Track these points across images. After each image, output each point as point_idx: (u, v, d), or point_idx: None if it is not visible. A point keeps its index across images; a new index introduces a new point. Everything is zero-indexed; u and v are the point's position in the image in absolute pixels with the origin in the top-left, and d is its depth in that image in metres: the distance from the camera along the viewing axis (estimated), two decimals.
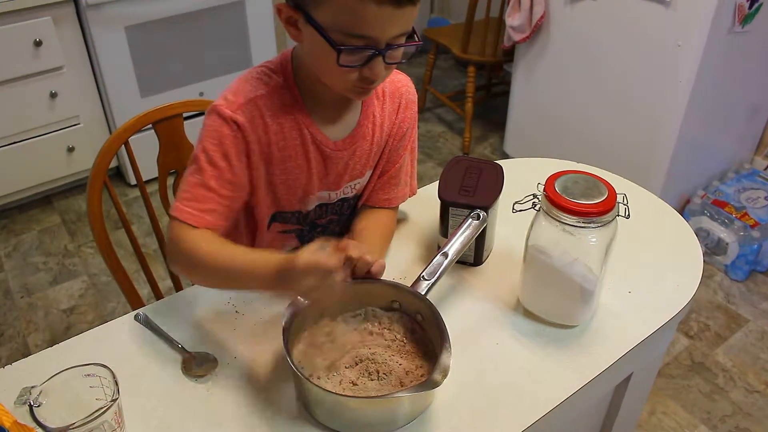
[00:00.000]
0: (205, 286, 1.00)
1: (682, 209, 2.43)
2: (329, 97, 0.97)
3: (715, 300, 2.19)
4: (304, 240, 1.14)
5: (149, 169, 1.36)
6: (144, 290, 1.91)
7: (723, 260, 2.29)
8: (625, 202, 0.91)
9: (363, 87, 0.91)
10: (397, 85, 1.06)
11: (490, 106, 3.30)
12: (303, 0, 0.85)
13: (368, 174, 1.09)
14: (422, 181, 1.17)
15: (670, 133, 2.16)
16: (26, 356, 0.95)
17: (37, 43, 2.23)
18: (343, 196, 1.09)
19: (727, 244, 2.26)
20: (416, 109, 1.10)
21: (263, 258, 0.86)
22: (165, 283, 1.57)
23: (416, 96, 1.09)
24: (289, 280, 0.80)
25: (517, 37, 2.51)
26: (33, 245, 2.44)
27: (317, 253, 0.79)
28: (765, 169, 2.57)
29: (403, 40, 0.87)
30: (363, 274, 0.90)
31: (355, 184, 1.09)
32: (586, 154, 2.43)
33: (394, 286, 0.94)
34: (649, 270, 1.09)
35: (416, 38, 0.89)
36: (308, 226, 1.11)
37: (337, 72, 0.87)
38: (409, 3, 0.82)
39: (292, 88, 0.97)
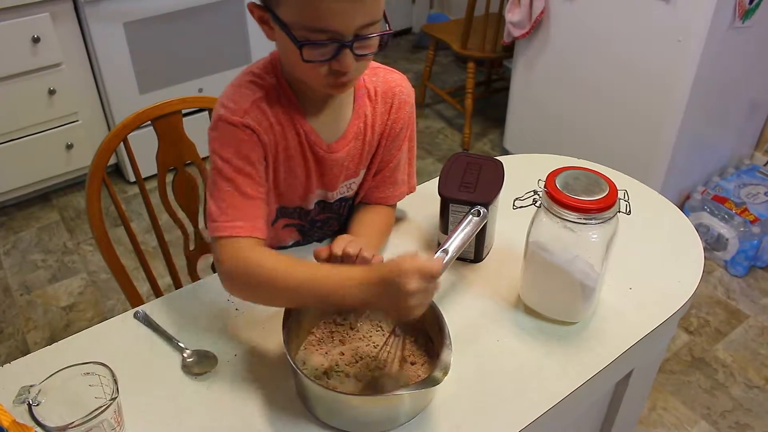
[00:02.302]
0: (267, 305, 0.94)
1: (682, 205, 2.43)
2: (317, 95, 0.96)
3: (715, 295, 2.19)
4: (304, 234, 1.13)
5: (148, 166, 1.35)
6: (143, 287, 1.91)
7: (723, 256, 2.29)
8: (626, 198, 0.90)
9: (337, 81, 0.89)
10: (391, 85, 1.05)
11: (490, 102, 3.30)
12: None
13: (362, 173, 1.09)
14: (422, 177, 1.17)
15: (670, 128, 2.16)
16: (25, 354, 0.94)
17: (35, 40, 2.22)
18: (340, 195, 1.09)
19: (727, 239, 2.25)
20: (412, 108, 1.08)
21: (345, 271, 0.84)
22: (164, 280, 1.56)
23: (412, 95, 1.08)
24: (391, 287, 0.78)
25: (516, 32, 2.50)
26: (32, 243, 2.43)
27: (419, 259, 0.78)
28: (765, 165, 2.56)
29: (374, 30, 0.85)
30: None
31: (350, 184, 1.08)
32: (585, 149, 2.43)
33: None
34: (649, 266, 1.09)
35: (387, 27, 0.87)
36: (309, 222, 1.11)
37: (305, 67, 0.85)
38: None
39: (285, 89, 0.96)
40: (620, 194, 0.89)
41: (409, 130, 1.09)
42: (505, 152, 2.88)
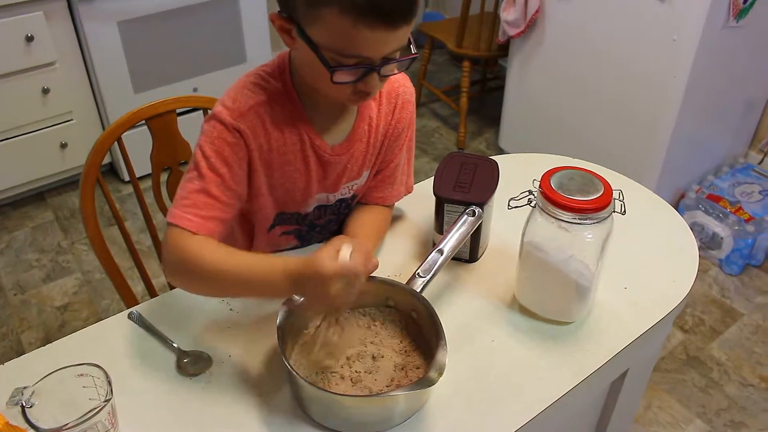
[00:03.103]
0: (206, 295, 0.96)
1: (677, 204, 2.43)
2: (326, 101, 0.96)
3: (709, 294, 2.20)
4: (303, 239, 1.13)
5: (143, 165, 1.35)
6: (138, 287, 1.90)
7: (717, 254, 2.29)
8: (621, 198, 0.90)
9: (359, 98, 0.91)
10: (394, 85, 1.05)
11: (485, 101, 3.30)
12: (296, 14, 0.84)
13: (365, 174, 1.08)
14: (417, 176, 1.17)
15: (665, 127, 2.16)
16: (20, 354, 0.94)
17: (29, 39, 2.21)
18: (341, 197, 1.08)
19: (721, 238, 2.26)
20: (413, 107, 1.08)
21: (275, 264, 0.84)
22: (159, 280, 1.56)
23: (414, 94, 1.08)
24: (308, 286, 0.79)
25: (512, 31, 2.50)
26: (26, 242, 2.42)
27: (340, 258, 0.77)
28: (759, 164, 2.57)
29: (398, 53, 0.87)
30: None
31: (352, 185, 1.08)
32: (580, 148, 2.43)
33: (389, 284, 0.94)
34: (644, 265, 1.09)
35: (412, 49, 0.88)
36: (307, 226, 1.10)
37: (332, 86, 0.86)
38: (403, 23, 0.82)
39: (290, 94, 0.95)
40: (615, 194, 0.89)
41: (410, 130, 1.09)
42: (501, 151, 2.88)
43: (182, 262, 0.88)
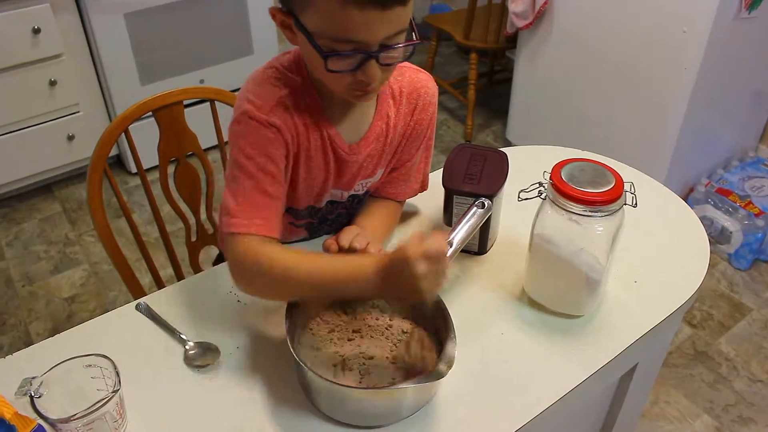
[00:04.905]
0: (281, 300, 0.92)
1: (686, 197, 2.42)
2: (341, 97, 0.93)
3: (718, 289, 2.18)
4: (312, 232, 1.12)
5: (150, 157, 1.34)
6: (145, 279, 1.90)
7: (727, 249, 2.28)
8: (633, 190, 0.90)
9: (360, 90, 0.87)
10: (416, 86, 1.02)
11: (493, 93, 3.28)
12: (292, 4, 0.82)
13: (380, 173, 1.07)
14: None
15: (674, 120, 2.15)
16: (28, 345, 0.94)
17: (36, 31, 2.21)
18: (354, 193, 1.07)
19: (731, 232, 2.24)
20: (435, 108, 1.05)
21: (361, 261, 0.84)
22: (166, 271, 1.56)
23: (436, 95, 1.05)
24: (401, 273, 0.78)
25: (519, 23, 2.49)
26: (34, 234, 2.43)
27: (424, 243, 0.77)
28: None
29: (400, 39, 0.83)
30: None
31: (366, 183, 1.07)
32: (588, 141, 2.41)
33: None
34: (655, 259, 1.08)
35: (414, 36, 0.85)
36: (318, 219, 1.09)
37: (330, 76, 0.84)
38: (397, 3, 0.78)
39: (309, 89, 0.93)
40: (627, 186, 0.88)
41: (429, 130, 1.07)
42: (508, 143, 2.87)
43: (257, 270, 0.85)
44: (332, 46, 0.80)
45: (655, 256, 1.09)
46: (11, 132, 2.36)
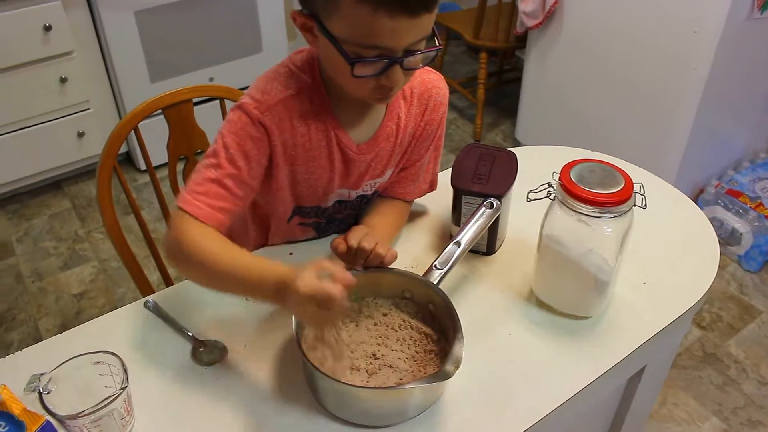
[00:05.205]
0: (197, 283, 0.93)
1: (696, 199, 2.40)
2: (354, 98, 0.93)
3: (728, 291, 2.17)
4: (320, 231, 1.12)
5: (159, 154, 1.35)
6: (154, 276, 1.91)
7: (736, 251, 2.26)
8: (642, 191, 0.89)
9: (382, 94, 0.88)
10: (427, 86, 1.02)
11: (502, 92, 3.27)
12: (316, 8, 0.83)
13: (389, 173, 1.07)
14: None
15: (685, 121, 2.13)
16: (37, 341, 0.95)
17: (47, 28, 2.22)
18: (362, 193, 1.07)
19: (741, 234, 2.23)
20: (445, 108, 1.05)
21: (265, 269, 0.82)
22: (174, 269, 1.57)
23: (447, 95, 1.05)
24: (288, 299, 0.77)
25: (530, 23, 2.48)
26: (44, 230, 2.44)
27: (318, 280, 0.74)
28: None
29: (422, 46, 0.84)
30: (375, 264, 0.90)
31: (375, 183, 1.07)
32: (598, 141, 2.40)
33: (406, 276, 0.93)
34: (664, 261, 1.07)
35: (436, 41, 0.86)
36: (326, 219, 1.10)
37: (353, 81, 0.84)
38: (425, 11, 0.79)
39: (319, 89, 0.94)
40: (636, 187, 0.88)
41: (439, 130, 1.07)
42: (517, 143, 2.86)
43: (181, 246, 0.86)
44: (358, 51, 0.81)
45: (665, 257, 1.08)
46: (22, 129, 2.38)
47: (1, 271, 2.26)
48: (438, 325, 0.91)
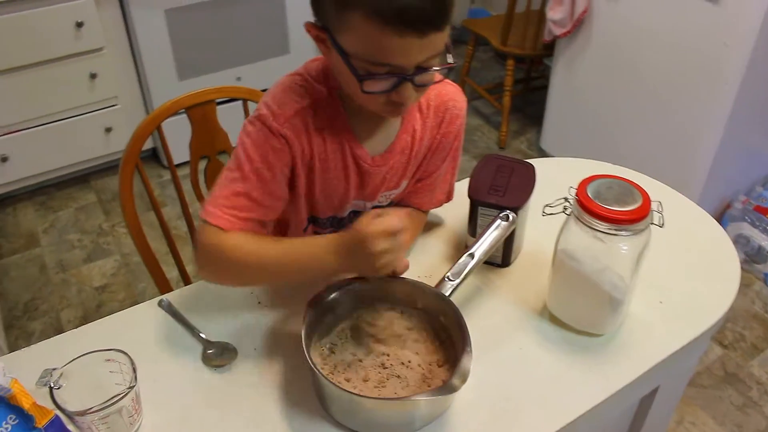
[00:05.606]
0: (245, 285, 0.95)
1: (722, 214, 2.36)
2: (368, 110, 0.92)
3: (752, 309, 2.13)
4: None
5: (184, 152, 1.36)
6: (173, 273, 1.93)
7: (763, 269, 2.21)
8: (660, 209, 0.87)
9: (394, 109, 0.88)
10: (444, 99, 1.02)
11: (528, 100, 3.25)
12: (328, 22, 0.83)
13: (404, 185, 1.07)
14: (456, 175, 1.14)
15: (713, 135, 2.09)
16: (59, 331, 0.96)
17: (79, 24, 2.26)
18: (377, 204, 1.07)
19: (767, 252, 2.18)
20: (462, 121, 1.05)
21: (313, 243, 0.87)
22: (192, 266, 1.58)
23: (465, 108, 1.04)
24: (359, 251, 0.81)
25: (558, 31, 2.46)
26: (69, 222, 2.48)
27: (378, 219, 0.80)
28: None
29: (435, 62, 0.83)
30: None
31: (390, 194, 1.06)
32: (624, 153, 2.37)
33: (418, 287, 0.92)
34: (682, 280, 1.05)
35: (448, 59, 0.85)
36: (341, 229, 1.09)
37: (364, 96, 0.84)
38: (434, 30, 0.78)
39: (334, 100, 0.94)
40: (654, 205, 0.86)
41: (456, 141, 1.06)
42: (542, 152, 2.84)
43: (220, 256, 0.87)
44: (368, 68, 0.81)
45: (683, 276, 1.06)
46: (51, 122, 2.42)
47: (26, 261, 2.31)
48: (448, 337, 0.90)
